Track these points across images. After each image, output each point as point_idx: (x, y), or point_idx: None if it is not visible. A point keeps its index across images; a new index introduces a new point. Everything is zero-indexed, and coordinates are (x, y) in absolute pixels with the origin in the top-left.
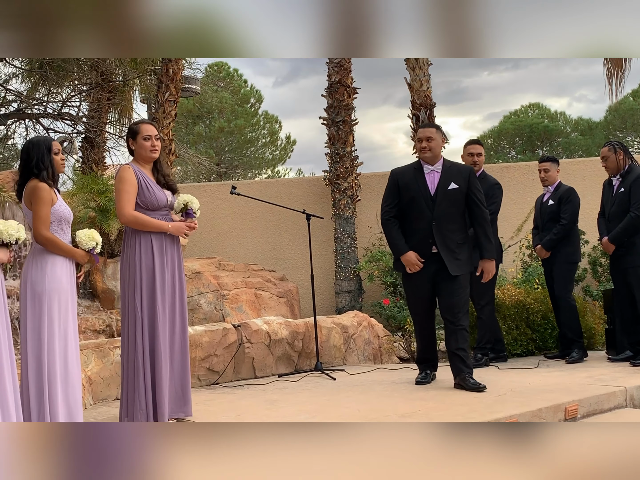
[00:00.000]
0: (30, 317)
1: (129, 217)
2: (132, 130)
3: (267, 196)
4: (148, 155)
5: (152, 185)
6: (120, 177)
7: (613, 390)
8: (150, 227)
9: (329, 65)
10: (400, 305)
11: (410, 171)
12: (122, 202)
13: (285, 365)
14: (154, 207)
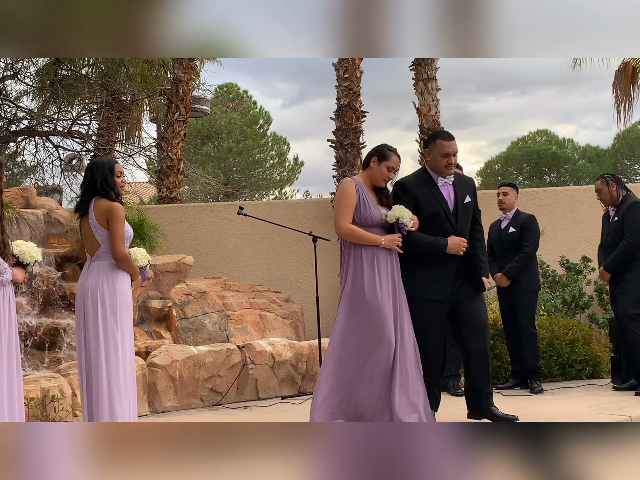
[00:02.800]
0: (102, 329)
1: (345, 230)
2: (383, 155)
3: (273, 217)
4: (380, 183)
5: (369, 202)
6: (342, 190)
7: (618, 419)
8: (364, 240)
9: (338, 88)
10: None
11: (421, 183)
12: (340, 215)
13: (288, 387)
14: (367, 223)
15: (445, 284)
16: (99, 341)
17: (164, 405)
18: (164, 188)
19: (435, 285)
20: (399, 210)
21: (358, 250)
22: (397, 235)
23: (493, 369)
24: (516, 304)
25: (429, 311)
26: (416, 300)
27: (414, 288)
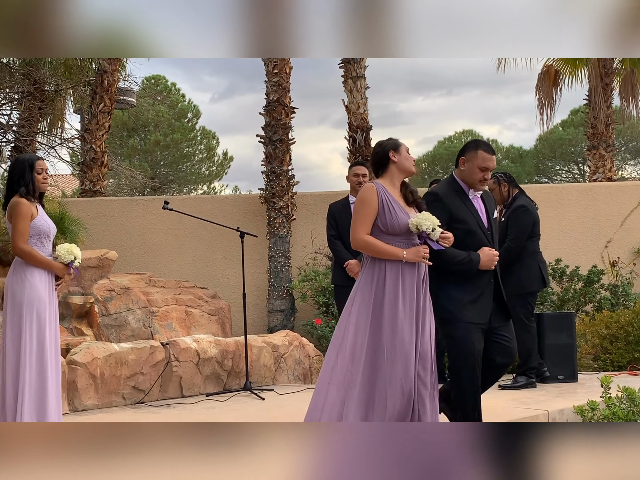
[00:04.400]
0: (9, 325)
1: (360, 242)
2: (393, 143)
3: (201, 212)
4: (412, 169)
5: (396, 207)
6: (361, 196)
7: (536, 414)
8: (383, 254)
9: (268, 83)
10: (332, 325)
11: (453, 194)
12: (356, 224)
13: (213, 385)
14: (394, 231)
15: (485, 306)
16: (5, 338)
17: (84, 404)
18: (87, 181)
19: (474, 307)
20: (419, 217)
21: (382, 264)
22: (423, 246)
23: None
24: None
25: (466, 335)
26: (453, 323)
27: (451, 309)
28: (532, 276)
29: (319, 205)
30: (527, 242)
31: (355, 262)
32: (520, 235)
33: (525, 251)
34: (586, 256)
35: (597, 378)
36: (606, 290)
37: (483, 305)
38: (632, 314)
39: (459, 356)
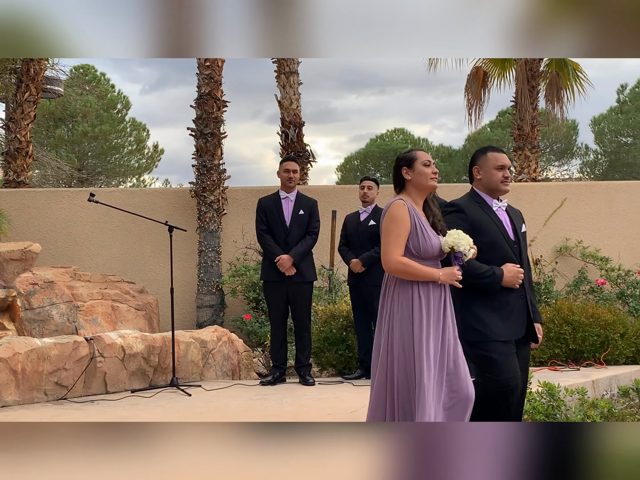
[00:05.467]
0: None
1: (395, 264)
2: (408, 158)
3: (130, 205)
4: (429, 184)
5: (427, 229)
6: (394, 215)
7: None
8: (420, 277)
9: (199, 76)
10: (261, 320)
11: (475, 205)
12: (390, 246)
13: (139, 381)
14: (426, 255)
15: (518, 323)
16: None
17: (4, 400)
18: (10, 171)
19: (503, 326)
20: (454, 236)
21: (409, 286)
22: (457, 268)
23: (346, 359)
24: (368, 296)
25: (497, 354)
26: (483, 344)
27: (480, 330)
28: None
29: (250, 200)
30: None
31: (287, 257)
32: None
33: None
34: None
35: None
36: None
37: (514, 322)
38: (553, 311)
39: (492, 383)
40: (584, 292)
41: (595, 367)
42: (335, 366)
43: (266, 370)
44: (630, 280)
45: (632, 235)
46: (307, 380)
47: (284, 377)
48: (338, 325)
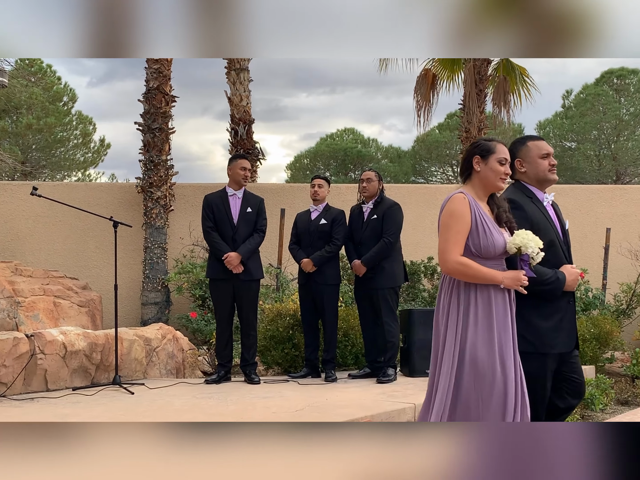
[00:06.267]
0: None
1: (454, 265)
2: (485, 148)
3: (74, 200)
4: (497, 185)
5: (490, 225)
6: (453, 210)
7: (403, 407)
8: (480, 279)
9: (148, 70)
10: (207, 318)
11: (526, 199)
12: (448, 244)
13: (81, 378)
14: (488, 254)
15: (569, 331)
16: None
17: None
18: None
19: (557, 336)
20: (522, 236)
21: (469, 289)
22: (523, 272)
23: (292, 358)
24: (318, 295)
25: (544, 369)
26: (534, 357)
27: (532, 340)
28: (400, 271)
29: (198, 196)
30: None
31: (235, 254)
32: (397, 231)
33: (395, 247)
34: None
35: None
36: None
37: (566, 330)
38: None
39: (532, 393)
40: None
41: None
42: (281, 364)
43: (211, 368)
44: None
45: (575, 238)
46: (252, 379)
47: (229, 375)
48: (285, 324)
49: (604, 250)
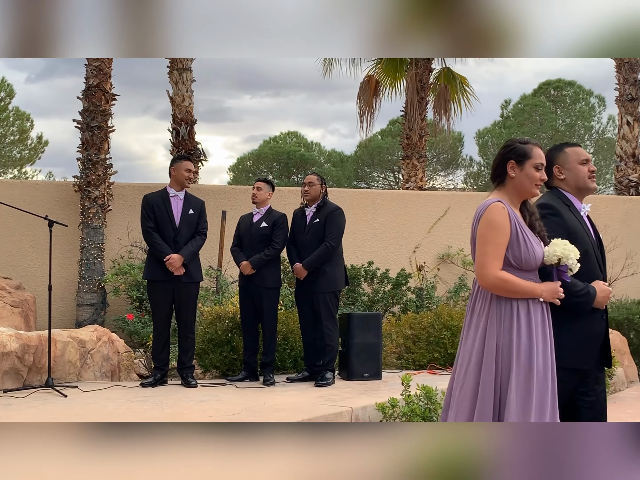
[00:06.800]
0: None
1: (494, 280)
2: (522, 153)
3: (8, 198)
4: (532, 192)
5: (529, 236)
6: (492, 220)
7: (340, 410)
8: (520, 294)
9: (88, 67)
10: (144, 320)
11: (563, 206)
12: (487, 257)
13: (12, 380)
14: (528, 267)
15: (593, 350)
16: None
17: None
18: None
19: (582, 351)
20: (562, 246)
21: (509, 303)
22: (559, 284)
23: (230, 361)
24: (258, 298)
25: (570, 384)
26: (560, 371)
27: (559, 356)
28: (341, 275)
29: (137, 197)
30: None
31: (177, 256)
32: (339, 236)
33: (336, 251)
34: (396, 260)
35: (399, 376)
36: (412, 293)
37: (593, 348)
38: (434, 316)
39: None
40: (464, 299)
41: None
42: (219, 368)
43: (147, 371)
44: None
45: None
46: (189, 382)
47: (165, 379)
48: (224, 327)
49: None
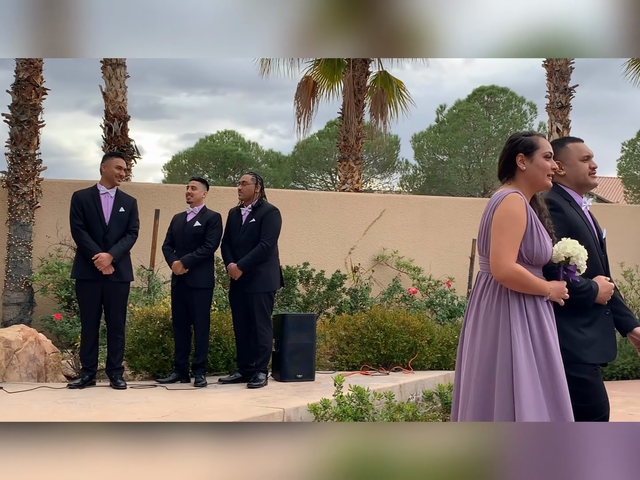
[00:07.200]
0: None
1: (509, 272)
2: (529, 144)
3: None
4: (546, 182)
5: (543, 230)
6: (510, 210)
7: (272, 412)
8: (529, 289)
9: (18, 60)
10: (72, 320)
11: (563, 201)
12: (504, 248)
13: None
14: (539, 262)
15: (611, 343)
16: None
17: None
18: None
19: (597, 348)
20: (572, 245)
21: (517, 298)
22: (565, 283)
23: (161, 363)
24: (190, 298)
25: (596, 381)
26: (572, 367)
27: (567, 348)
28: (276, 276)
29: (67, 194)
30: None
31: (106, 255)
32: (275, 236)
33: (272, 251)
34: (332, 261)
35: (332, 377)
36: (347, 294)
37: (606, 341)
38: (367, 317)
39: (581, 410)
40: (397, 300)
41: (403, 372)
42: (150, 369)
43: (75, 372)
44: (439, 290)
45: (443, 247)
46: (118, 384)
47: (93, 380)
48: (155, 327)
49: (469, 260)
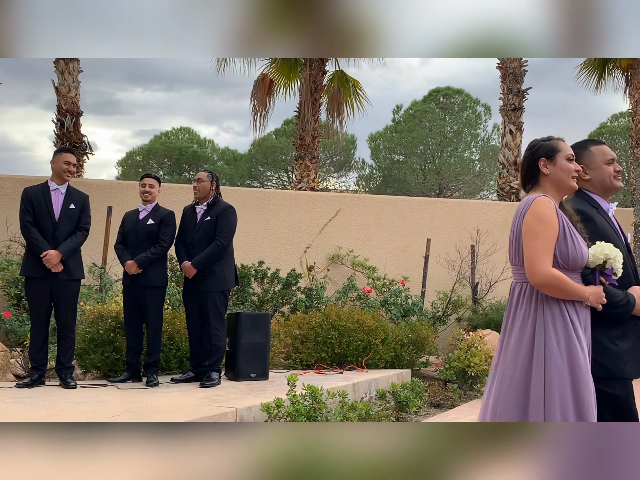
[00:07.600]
0: None
1: (547, 277)
2: (549, 148)
3: None
4: (571, 184)
5: (576, 233)
6: (541, 214)
7: (225, 411)
8: (568, 294)
9: None
10: (22, 319)
11: (591, 209)
12: (539, 253)
13: None
14: (575, 266)
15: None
16: None
17: None
18: None
19: (630, 359)
20: (608, 248)
21: (557, 304)
22: (601, 288)
23: (112, 362)
24: (142, 297)
25: (630, 397)
26: (609, 380)
27: (602, 362)
28: (231, 274)
29: (18, 189)
30: None
31: (55, 252)
32: (230, 234)
33: (227, 250)
34: (287, 260)
35: (285, 376)
36: (302, 293)
37: (637, 353)
38: (322, 316)
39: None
40: (352, 299)
41: (357, 370)
42: (101, 369)
43: (24, 372)
44: (393, 289)
45: (397, 247)
46: (68, 383)
47: (43, 379)
48: (106, 326)
49: (424, 259)
